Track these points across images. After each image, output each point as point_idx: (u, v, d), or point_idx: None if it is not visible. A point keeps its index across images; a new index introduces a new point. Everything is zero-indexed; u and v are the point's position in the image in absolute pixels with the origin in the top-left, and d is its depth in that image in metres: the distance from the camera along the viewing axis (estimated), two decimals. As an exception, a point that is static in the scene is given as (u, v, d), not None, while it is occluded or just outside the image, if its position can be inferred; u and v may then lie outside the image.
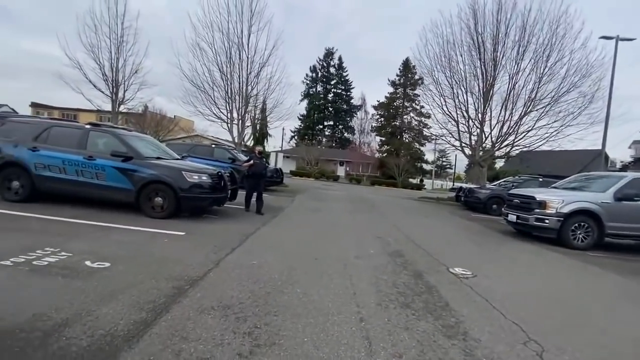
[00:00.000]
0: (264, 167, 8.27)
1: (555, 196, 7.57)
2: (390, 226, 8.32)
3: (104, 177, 6.10)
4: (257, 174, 7.95)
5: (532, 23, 14.60)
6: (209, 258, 4.11)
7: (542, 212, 7.52)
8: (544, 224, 7.43)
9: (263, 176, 8.17)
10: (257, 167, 7.95)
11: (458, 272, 4.58)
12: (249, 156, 8.63)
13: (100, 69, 16.34)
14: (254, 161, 7.93)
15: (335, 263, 4.46)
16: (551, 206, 7.43)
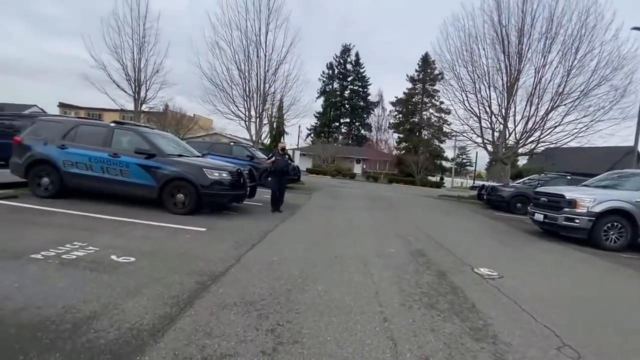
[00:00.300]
0: (286, 164, 7.96)
1: (586, 195, 7.19)
2: (410, 224, 8.15)
3: (128, 173, 6.26)
4: (279, 171, 7.73)
5: (559, 14, 13.93)
6: (230, 254, 4.13)
7: (572, 211, 7.16)
8: (574, 224, 7.08)
9: (286, 173, 7.95)
10: (279, 164, 7.68)
11: (483, 272, 4.42)
12: (271, 153, 8.24)
13: (123, 69, 16.82)
14: (275, 158, 7.66)
15: (356, 261, 4.39)
16: (582, 205, 7.06)
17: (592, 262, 5.82)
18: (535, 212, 8.11)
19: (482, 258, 5.25)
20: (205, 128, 38.27)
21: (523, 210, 12.53)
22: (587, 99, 13.94)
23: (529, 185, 13.16)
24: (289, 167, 8.26)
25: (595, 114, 13.95)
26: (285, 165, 7.90)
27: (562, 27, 14.01)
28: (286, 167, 7.94)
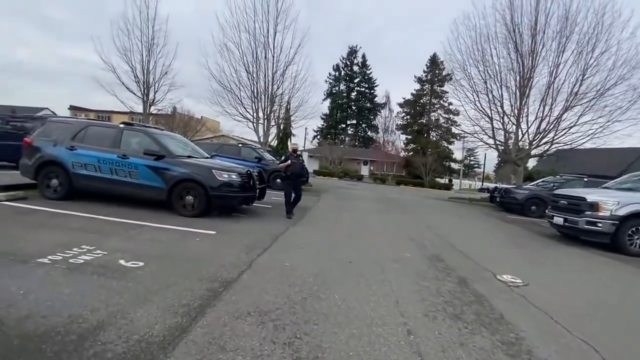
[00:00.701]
0: (302, 167, 7.43)
1: (608, 197, 6.89)
2: (423, 227, 7.92)
3: (137, 175, 6.17)
4: (295, 174, 7.19)
5: (574, 12, 13.58)
6: (241, 259, 3.98)
7: (594, 214, 6.86)
8: (597, 228, 6.78)
9: (301, 176, 7.49)
10: (294, 167, 7.11)
11: (507, 279, 4.19)
12: (285, 155, 7.58)
13: (132, 71, 16.95)
14: (291, 161, 7.06)
15: (371, 267, 4.21)
16: (605, 208, 6.76)
17: (618, 268, 5.55)
18: (554, 215, 7.81)
19: (502, 263, 5.03)
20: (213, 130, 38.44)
21: (538, 213, 12.20)
22: (603, 99, 13.54)
23: (544, 188, 12.81)
24: (304, 169, 7.65)
25: (611, 115, 13.55)
26: (301, 168, 7.43)
27: (577, 25, 13.67)
28: (301, 169, 7.45)
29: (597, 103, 13.77)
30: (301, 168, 7.36)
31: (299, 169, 7.22)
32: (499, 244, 6.90)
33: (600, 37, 12.95)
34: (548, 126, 15.31)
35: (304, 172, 7.47)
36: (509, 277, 4.25)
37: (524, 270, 4.69)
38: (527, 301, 3.48)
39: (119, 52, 16.63)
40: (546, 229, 9.24)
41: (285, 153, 7.78)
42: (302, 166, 7.40)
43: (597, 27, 12.92)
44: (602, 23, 12.78)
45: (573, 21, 13.63)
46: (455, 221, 9.97)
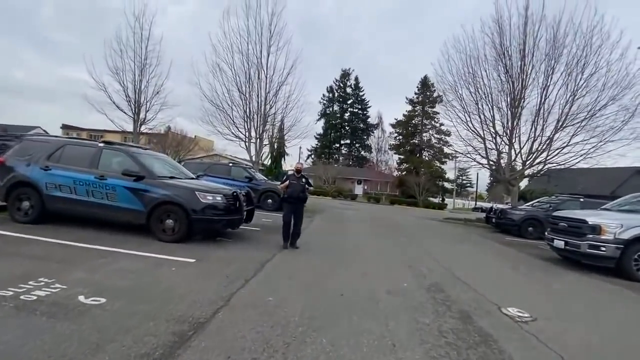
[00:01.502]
0: (302, 189, 6.32)
1: (611, 220, 6.64)
2: (420, 252, 7.55)
3: (115, 197, 5.76)
4: (294, 197, 6.24)
5: (562, 35, 13.89)
6: (219, 292, 3.55)
7: (596, 237, 6.57)
8: (600, 252, 6.48)
9: (300, 200, 6.35)
10: (294, 188, 6.23)
11: (513, 313, 3.82)
12: (285, 175, 6.80)
13: (124, 90, 16.73)
14: (290, 182, 6.25)
15: (365, 301, 3.80)
16: (608, 231, 6.49)
17: (630, 298, 5.20)
18: (554, 238, 7.51)
19: (505, 293, 4.65)
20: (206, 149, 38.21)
21: (535, 235, 11.93)
22: (595, 120, 13.62)
23: (540, 208, 12.61)
24: (306, 193, 6.43)
25: (604, 135, 13.59)
26: (302, 191, 6.32)
27: (565, 48, 13.92)
28: (302, 192, 6.33)
29: (588, 124, 13.84)
30: (302, 190, 6.31)
31: (298, 191, 6.25)
32: (499, 270, 6.54)
33: (590, 59, 13.18)
34: (540, 146, 15.31)
35: (304, 194, 6.36)
36: (515, 311, 3.87)
37: (529, 302, 4.32)
38: (538, 341, 3.10)
39: (111, 72, 16.50)
40: (545, 252, 8.92)
41: (286, 172, 6.98)
42: (303, 188, 6.34)
43: (585, 48, 13.18)
44: (591, 45, 13.05)
45: (561, 44, 13.93)
46: (452, 245, 9.61)
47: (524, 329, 3.41)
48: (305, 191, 6.37)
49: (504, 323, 3.53)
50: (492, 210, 14.79)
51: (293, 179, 6.30)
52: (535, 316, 3.77)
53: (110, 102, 16.48)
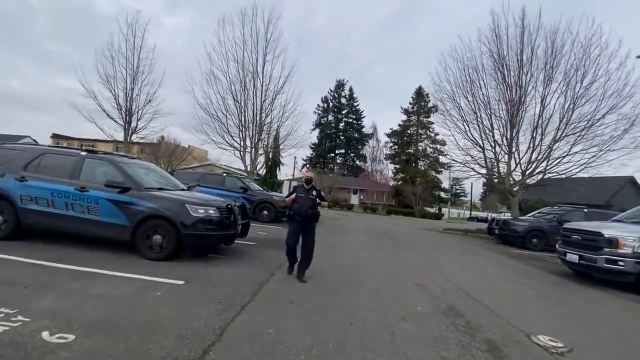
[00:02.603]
0: (312, 204, 4.90)
1: (629, 233, 6.29)
2: (426, 268, 7.10)
3: (97, 211, 5.24)
4: (302, 214, 4.84)
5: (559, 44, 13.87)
6: (211, 324, 3.05)
7: (613, 251, 6.23)
8: (618, 267, 6.12)
9: (312, 218, 4.96)
10: (302, 203, 4.86)
11: (546, 343, 3.38)
12: (292, 187, 5.47)
13: (114, 98, 16.31)
14: (297, 194, 4.94)
15: (378, 330, 3.33)
16: (626, 245, 6.14)
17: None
18: (566, 252, 7.14)
19: (529, 317, 4.21)
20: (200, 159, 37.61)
21: (540, 247, 11.60)
22: (595, 129, 13.50)
23: (544, 219, 12.30)
24: (317, 209, 4.99)
25: (603, 144, 13.46)
26: (312, 207, 4.89)
27: (562, 57, 13.90)
28: (313, 208, 4.90)
29: (588, 133, 13.72)
30: (311, 206, 4.87)
31: (306, 207, 4.83)
32: (513, 287, 6.11)
33: (588, 67, 13.13)
34: (539, 156, 15.14)
35: (315, 211, 4.94)
36: (547, 340, 3.44)
37: (557, 327, 3.90)
38: (585, 380, 2.66)
39: (102, 79, 16.07)
40: (555, 265, 8.56)
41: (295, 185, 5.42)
42: (314, 203, 4.90)
43: (584, 58, 13.14)
44: (590, 54, 13.02)
45: (558, 53, 13.90)
46: (457, 258, 9.18)
47: (562, 363, 2.97)
48: (316, 207, 4.93)
49: (538, 356, 3.09)
50: (494, 221, 14.46)
51: (301, 192, 4.97)
52: (570, 346, 3.34)
53: (100, 109, 15.98)
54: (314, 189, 5.02)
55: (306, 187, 5.00)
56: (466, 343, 3.21)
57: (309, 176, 5.13)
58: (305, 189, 4.99)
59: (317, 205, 4.95)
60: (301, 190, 4.99)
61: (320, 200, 4.98)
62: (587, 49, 13.01)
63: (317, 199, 4.93)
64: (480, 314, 4.16)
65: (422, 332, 3.37)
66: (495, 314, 4.19)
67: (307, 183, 5.04)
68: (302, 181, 5.11)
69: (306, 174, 5.19)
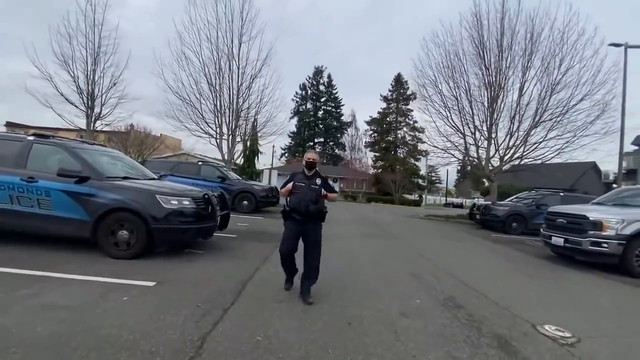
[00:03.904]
0: (315, 197, 3.61)
1: (612, 215, 6.34)
2: (416, 255, 6.89)
3: (49, 204, 4.54)
4: (298, 210, 3.58)
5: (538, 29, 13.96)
6: (189, 334, 2.58)
7: (597, 234, 6.26)
8: (602, 249, 6.16)
9: (315, 216, 3.64)
10: (301, 195, 3.60)
11: (552, 333, 3.19)
12: (289, 175, 3.94)
13: (74, 81, 14.85)
14: (295, 183, 3.67)
15: (379, 329, 3.00)
16: (609, 227, 6.18)
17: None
18: (552, 235, 7.16)
19: (528, 305, 4.04)
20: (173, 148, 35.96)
21: (519, 230, 11.83)
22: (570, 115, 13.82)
23: (523, 204, 12.53)
24: (322, 203, 3.73)
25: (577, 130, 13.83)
26: (315, 200, 3.60)
27: (540, 44, 14.02)
28: (316, 202, 3.60)
29: (563, 119, 14.03)
30: (314, 200, 3.58)
31: (307, 200, 3.55)
32: (504, 273, 6.01)
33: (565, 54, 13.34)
34: (516, 141, 15.40)
35: (321, 206, 3.65)
36: (554, 329, 3.25)
37: (559, 315, 3.75)
38: (605, 375, 2.45)
39: (58, 60, 14.55)
40: (537, 249, 8.65)
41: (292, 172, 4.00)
42: (318, 195, 3.63)
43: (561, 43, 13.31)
44: (567, 40, 13.20)
45: (537, 39, 14.00)
46: (444, 245, 9.09)
47: (575, 355, 2.78)
48: (321, 200, 3.67)
49: (550, 348, 2.87)
50: (474, 207, 14.65)
51: (300, 180, 3.68)
52: (578, 335, 3.16)
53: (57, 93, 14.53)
54: (318, 175, 3.74)
55: (307, 174, 3.71)
56: (475, 339, 2.94)
57: (311, 159, 3.74)
58: (306, 176, 3.70)
59: (322, 198, 3.69)
60: (301, 177, 3.70)
61: (327, 191, 3.71)
62: (565, 35, 13.17)
63: (322, 190, 3.67)
64: (480, 304, 3.94)
65: (427, 329, 3.07)
66: (495, 304, 3.98)
67: (308, 168, 3.72)
68: (303, 166, 3.77)
69: (309, 155, 3.77)
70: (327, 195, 3.70)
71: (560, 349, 2.89)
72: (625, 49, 13.82)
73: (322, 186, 3.67)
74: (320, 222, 3.73)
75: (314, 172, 3.76)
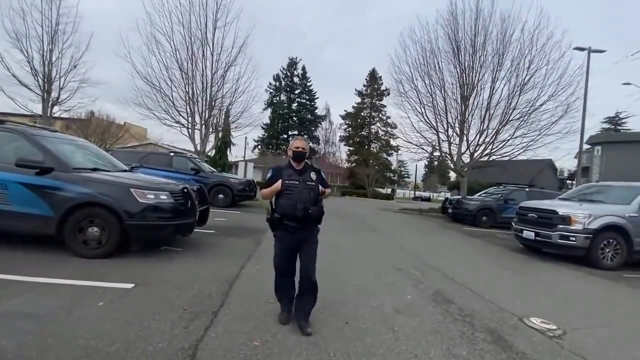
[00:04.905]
0: (313, 197, 2.85)
1: (579, 210, 6.74)
2: (398, 249, 6.97)
3: (6, 198, 4.04)
4: (296, 216, 2.77)
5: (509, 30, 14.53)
6: (178, 342, 2.37)
7: (566, 228, 6.64)
8: (570, 242, 6.54)
9: (311, 221, 2.86)
10: (294, 196, 2.78)
11: (539, 325, 3.31)
12: (271, 170, 2.97)
13: (28, 61, 13.45)
14: (283, 181, 2.80)
15: (376, 327, 2.95)
16: (577, 221, 6.57)
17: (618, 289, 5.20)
18: (523, 229, 7.52)
19: (511, 298, 4.18)
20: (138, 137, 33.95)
21: (488, 224, 12.39)
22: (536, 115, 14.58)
23: (492, 198, 13.11)
24: (320, 204, 2.90)
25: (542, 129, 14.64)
26: (313, 200, 2.84)
27: (511, 45, 14.61)
28: (314, 203, 2.83)
29: (529, 118, 14.78)
30: (312, 200, 2.82)
31: (305, 202, 2.78)
32: (483, 266, 6.20)
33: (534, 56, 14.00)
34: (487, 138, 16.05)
35: (317, 208, 2.84)
36: (540, 322, 3.37)
37: (541, 307, 3.92)
38: (591, 365, 2.56)
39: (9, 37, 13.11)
40: (507, 242, 9.08)
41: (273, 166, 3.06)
42: (315, 195, 2.87)
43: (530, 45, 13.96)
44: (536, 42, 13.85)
45: (508, 40, 14.58)
46: (422, 237, 9.29)
47: (565, 347, 2.89)
48: (317, 201, 2.87)
49: (540, 341, 2.97)
50: (447, 200, 15.14)
51: (290, 176, 2.82)
52: (562, 327, 3.30)
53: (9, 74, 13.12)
54: (311, 169, 2.92)
55: (297, 168, 2.87)
56: (469, 334, 2.97)
57: (300, 147, 2.83)
58: (296, 171, 2.85)
59: (321, 197, 2.95)
60: (290, 173, 2.84)
61: (324, 189, 2.97)
62: (534, 37, 13.81)
63: (319, 187, 2.91)
64: (467, 297, 4.02)
65: (423, 326, 3.06)
66: (480, 297, 4.08)
67: (297, 160, 2.86)
68: (290, 157, 2.92)
69: (297, 144, 2.85)
70: (324, 191, 2.96)
71: (550, 341, 3.00)
72: (588, 53, 14.78)
73: (319, 181, 2.90)
74: (317, 226, 3.00)
75: (303, 164, 2.90)
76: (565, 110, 14.15)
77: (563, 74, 13.78)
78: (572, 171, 40.90)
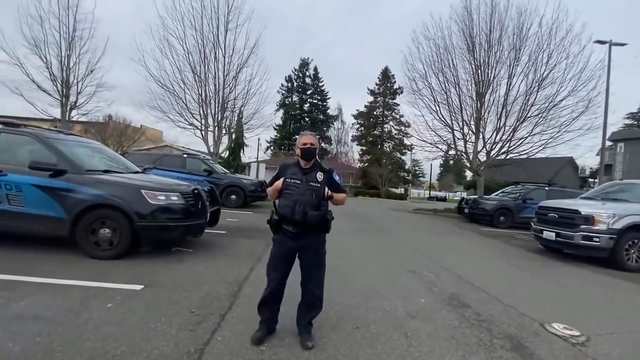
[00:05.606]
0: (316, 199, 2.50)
1: (603, 209, 6.42)
2: (411, 251, 6.80)
3: (20, 200, 4.13)
4: (294, 220, 2.46)
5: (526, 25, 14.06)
6: (184, 345, 2.33)
7: (589, 228, 6.33)
8: (594, 243, 6.23)
9: (316, 227, 2.53)
10: (294, 197, 2.48)
11: (562, 332, 3.12)
12: (279, 166, 2.72)
13: (47, 67, 13.90)
14: (286, 180, 2.55)
15: (388, 333, 2.83)
16: (601, 221, 6.25)
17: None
18: (543, 230, 7.22)
19: (531, 302, 3.98)
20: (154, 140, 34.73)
21: (506, 224, 12.00)
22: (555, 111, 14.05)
23: (510, 198, 12.71)
24: (326, 207, 2.59)
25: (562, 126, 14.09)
26: (316, 204, 2.49)
27: (528, 39, 14.14)
28: (317, 207, 2.50)
29: (548, 114, 14.25)
30: (315, 204, 2.49)
31: (304, 205, 2.45)
32: (501, 268, 5.98)
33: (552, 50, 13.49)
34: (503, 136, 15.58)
35: (323, 212, 2.53)
36: (562, 329, 3.18)
37: (565, 313, 3.71)
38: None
39: (28, 44, 13.57)
40: (527, 242, 8.76)
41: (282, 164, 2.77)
42: (319, 198, 2.51)
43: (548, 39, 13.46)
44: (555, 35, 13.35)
45: (525, 35, 14.10)
46: (437, 239, 9.06)
47: (589, 355, 2.71)
48: (323, 203, 2.57)
49: (562, 348, 2.80)
50: (463, 200, 14.78)
51: (293, 175, 2.55)
52: (586, 333, 3.10)
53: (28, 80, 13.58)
54: (320, 168, 2.59)
55: (304, 166, 2.58)
56: (487, 341, 2.82)
57: (309, 143, 2.54)
58: (301, 169, 2.57)
59: (326, 200, 2.59)
60: (294, 171, 2.57)
61: (333, 191, 2.60)
62: (552, 31, 13.30)
63: (325, 189, 2.55)
64: (484, 302, 3.85)
65: (437, 331, 2.93)
66: (499, 301, 3.90)
67: (305, 158, 2.56)
68: (297, 155, 2.63)
69: (305, 139, 2.57)
70: (332, 196, 2.57)
71: (573, 348, 2.82)
72: (609, 46, 14.13)
73: (326, 183, 2.55)
74: (324, 235, 2.67)
75: (312, 163, 2.58)
76: (586, 106, 13.57)
77: (584, 68, 13.24)
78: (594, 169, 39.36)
